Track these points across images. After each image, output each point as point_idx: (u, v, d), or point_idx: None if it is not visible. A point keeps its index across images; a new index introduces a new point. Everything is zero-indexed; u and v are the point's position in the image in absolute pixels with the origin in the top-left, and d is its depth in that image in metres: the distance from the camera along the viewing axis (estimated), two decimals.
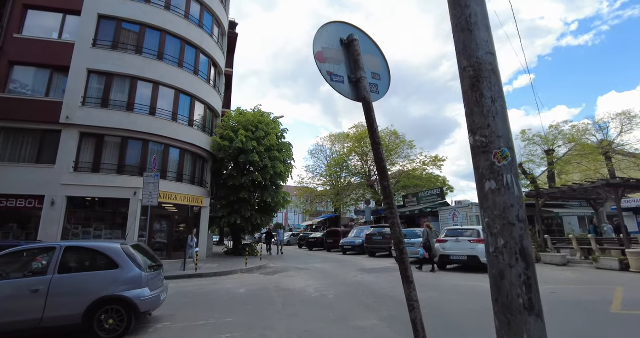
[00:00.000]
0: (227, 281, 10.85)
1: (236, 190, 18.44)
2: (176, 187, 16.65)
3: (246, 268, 13.33)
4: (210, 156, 19.79)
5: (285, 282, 9.96)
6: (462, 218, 16.90)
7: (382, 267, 13.05)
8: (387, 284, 8.88)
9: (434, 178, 30.59)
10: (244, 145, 18.09)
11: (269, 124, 19.94)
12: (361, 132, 30.76)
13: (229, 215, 18.35)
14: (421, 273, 10.96)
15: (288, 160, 20.70)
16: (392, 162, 29.77)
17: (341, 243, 20.62)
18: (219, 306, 7.02)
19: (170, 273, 12.35)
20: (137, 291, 5.02)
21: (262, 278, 11.28)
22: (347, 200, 32.31)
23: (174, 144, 16.97)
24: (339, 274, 11.32)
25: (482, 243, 10.64)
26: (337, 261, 16.09)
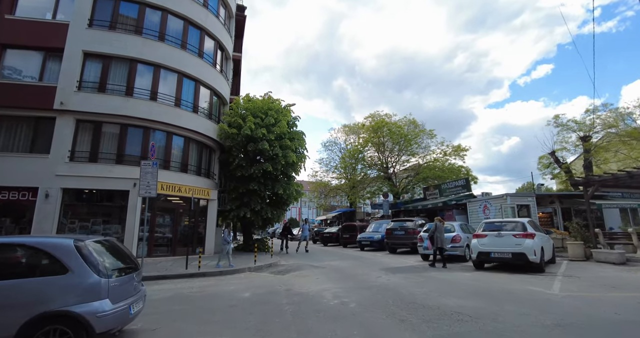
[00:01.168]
0: (232, 281, 9.53)
1: (245, 181, 17.12)
2: (180, 178, 15.44)
3: (255, 267, 12.01)
4: (217, 146, 18.53)
5: (298, 284, 8.55)
6: (494, 211, 15.17)
7: (408, 266, 11.51)
8: (419, 289, 7.36)
9: (456, 170, 28.65)
10: (252, 133, 16.72)
11: (280, 111, 18.50)
12: (377, 121, 29.07)
13: (237, 208, 17.06)
14: (451, 273, 9.39)
15: (300, 149, 19.25)
16: (411, 152, 28.02)
17: (358, 239, 19.14)
18: (217, 316, 5.66)
19: (171, 271, 11.14)
20: (93, 305, 3.68)
21: (271, 278, 9.92)
22: (363, 193, 30.73)
23: (178, 132, 15.73)
24: (359, 274, 9.85)
25: (530, 239, 9.00)
26: (355, 258, 14.63)
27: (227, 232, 12.27)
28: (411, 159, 28.99)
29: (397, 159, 30.03)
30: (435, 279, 8.58)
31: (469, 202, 17.08)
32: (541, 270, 9.07)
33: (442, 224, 11.72)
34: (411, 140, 27.56)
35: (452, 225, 12.90)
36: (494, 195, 15.91)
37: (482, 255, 9.62)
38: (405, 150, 28.19)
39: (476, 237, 9.98)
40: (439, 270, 10.28)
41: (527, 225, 9.54)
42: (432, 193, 25.25)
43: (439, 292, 6.85)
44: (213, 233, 16.61)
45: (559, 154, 24.25)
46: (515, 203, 14.69)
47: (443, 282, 8.19)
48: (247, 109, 18.13)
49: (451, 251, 11.97)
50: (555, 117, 23.25)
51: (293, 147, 17.85)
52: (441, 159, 28.75)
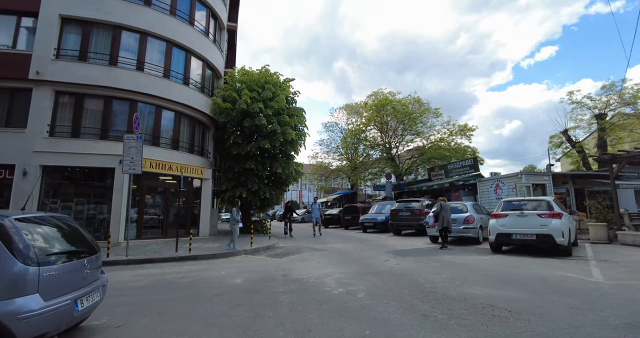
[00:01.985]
0: (225, 265, 8.63)
1: (241, 159, 16.07)
2: (171, 155, 14.39)
3: (251, 249, 11.13)
4: (211, 122, 17.38)
5: (297, 269, 7.63)
6: (507, 190, 14.16)
7: (417, 249, 10.61)
8: (436, 275, 6.43)
9: (462, 150, 27.48)
10: (248, 107, 15.56)
11: (277, 85, 17.25)
12: (381, 99, 27.72)
13: (233, 188, 16.09)
14: (467, 256, 8.46)
15: (300, 126, 18.12)
16: (416, 131, 26.80)
17: (361, 220, 18.26)
18: (198, 308, 4.73)
19: (159, 254, 10.25)
20: (14, 303, 2.69)
21: (268, 261, 9.02)
22: (365, 175, 29.71)
23: (167, 105, 14.56)
24: (365, 258, 8.93)
25: (557, 219, 8.03)
26: (358, 240, 13.74)
27: (236, 211, 11.60)
28: (415, 139, 27.80)
29: (400, 139, 28.85)
30: (452, 264, 7.65)
31: (479, 181, 16.07)
32: (568, 254, 8.14)
33: (447, 204, 10.79)
34: (416, 118, 26.28)
35: (464, 205, 11.94)
36: (507, 174, 14.86)
37: (502, 237, 8.66)
38: (409, 129, 26.96)
39: (495, 217, 9.00)
40: (452, 253, 9.37)
41: (552, 203, 8.55)
42: (438, 174, 24.24)
43: (461, 279, 5.90)
44: (208, 214, 15.70)
45: (572, 133, 23.14)
46: (531, 182, 13.67)
47: (462, 267, 7.26)
48: (243, 82, 16.90)
49: (464, 233, 11.06)
50: (569, 94, 21.98)
51: (292, 123, 16.71)
52: (446, 138, 27.56)
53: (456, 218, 11.20)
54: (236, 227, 11.24)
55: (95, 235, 12.21)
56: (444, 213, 10.54)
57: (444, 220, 10.50)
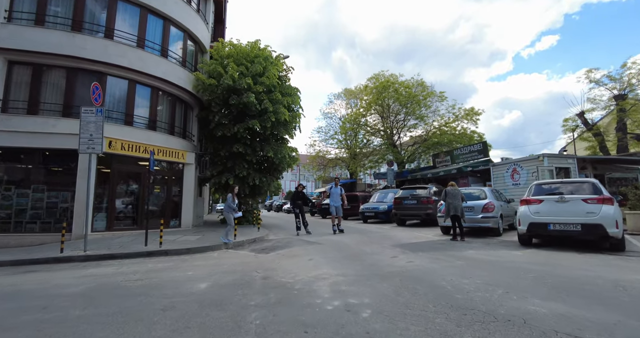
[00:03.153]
0: (197, 263, 7.05)
1: (228, 142, 14.40)
2: (147, 136, 12.71)
3: (235, 242, 9.54)
4: (195, 102, 15.65)
5: (282, 269, 6.04)
6: (526, 175, 12.55)
7: (428, 242, 9.03)
8: (463, 277, 4.84)
9: (468, 135, 25.79)
10: (235, 83, 13.82)
11: (269, 59, 15.48)
12: (382, 81, 25.90)
13: (219, 174, 14.45)
14: (493, 251, 6.88)
15: (294, 107, 16.39)
16: (420, 115, 25.07)
17: (361, 210, 16.70)
18: (120, 336, 3.13)
19: (125, 249, 8.67)
20: None
21: (250, 258, 7.43)
22: (364, 162, 28.07)
23: (142, 80, 12.81)
24: (369, 254, 7.33)
25: (609, 205, 6.43)
26: (358, 231, 12.17)
27: (232, 198, 9.86)
28: (419, 124, 26.07)
29: (402, 125, 27.13)
30: (479, 261, 6.07)
31: (493, 166, 14.45)
32: (621, 249, 6.56)
33: (456, 189, 9.21)
34: (420, 102, 24.54)
35: (482, 190, 10.33)
36: (526, 157, 13.22)
37: (536, 227, 7.06)
38: (412, 113, 25.22)
39: (526, 204, 7.38)
40: (473, 246, 7.80)
41: (599, 186, 6.94)
42: (443, 160, 22.61)
43: (503, 286, 4.31)
44: (191, 203, 14.08)
45: (588, 115, 21.47)
46: (554, 166, 12.05)
47: (493, 266, 5.67)
48: (230, 56, 15.10)
49: (482, 223, 9.48)
50: (587, 72, 20.23)
51: (285, 102, 14.97)
52: (452, 123, 25.87)
53: (473, 206, 9.61)
54: (231, 216, 9.61)
55: (57, 226, 10.62)
56: (450, 200, 9.03)
57: (449, 208, 9.00)
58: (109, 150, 11.41)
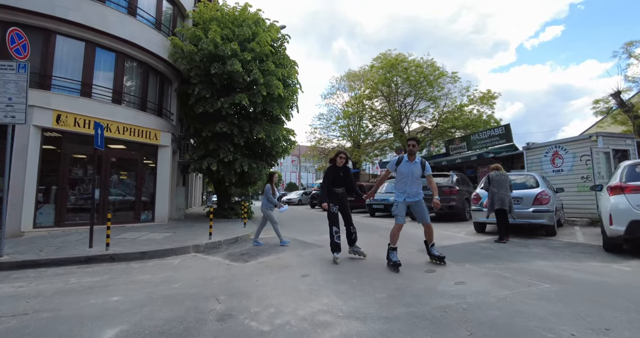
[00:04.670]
0: (139, 278, 4.82)
1: (211, 120, 12.08)
2: (109, 111, 10.39)
3: (206, 244, 7.29)
4: (175, 74, 13.29)
5: (259, 294, 3.79)
6: (572, 160, 10.23)
7: (464, 243, 6.77)
8: (583, 324, 2.57)
9: (483, 121, 23.38)
10: (217, 49, 11.43)
11: (259, 23, 13.06)
12: (390, 59, 23.38)
13: (200, 158, 12.16)
14: (578, 263, 4.61)
15: (291, 81, 14.01)
16: (431, 97, 22.63)
17: (368, 202, 14.43)
18: None
19: (60, 252, 6.43)
20: None
21: (219, 270, 5.17)
22: (370, 150, 25.72)
23: (103, 42, 10.43)
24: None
25: None
26: (367, 228, 9.93)
27: (269, 188, 7.51)
28: (430, 108, 23.62)
29: (411, 109, 24.69)
30: (574, 284, 3.81)
31: (527, 149, 12.10)
32: None
33: (503, 175, 6.98)
34: (432, 82, 22.08)
35: (533, 176, 8.01)
36: (571, 138, 10.87)
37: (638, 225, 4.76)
38: (423, 95, 22.78)
39: (620, 193, 5.07)
40: (534, 252, 5.57)
41: None
42: (458, 146, 20.26)
43: None
44: (167, 193, 11.81)
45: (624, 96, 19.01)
46: (610, 147, 9.73)
47: (605, 293, 3.43)
48: (214, 20, 12.68)
49: (534, 219, 7.20)
50: (627, 44, 17.71)
51: (280, 74, 12.58)
52: (466, 107, 23.44)
53: (521, 197, 7.33)
54: (270, 214, 7.40)
55: None
56: (495, 189, 6.82)
57: (494, 199, 6.79)
58: (58, 126, 9.13)
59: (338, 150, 5.40)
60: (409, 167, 5.20)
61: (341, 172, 5.62)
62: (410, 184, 5.23)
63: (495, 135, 17.89)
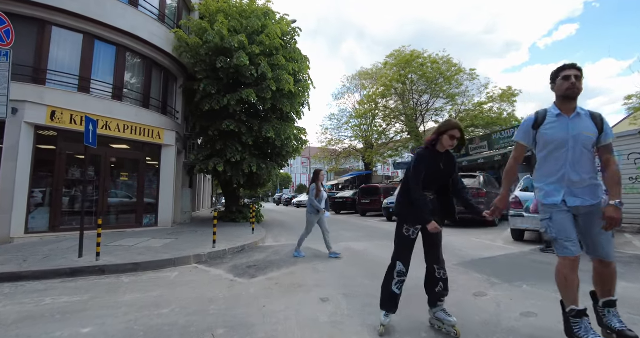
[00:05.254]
0: (124, 299, 4.00)
1: (217, 118, 11.33)
2: (108, 107, 9.70)
3: (212, 252, 6.48)
4: (180, 70, 12.60)
5: (266, 327, 2.92)
6: (620, 160, 9.17)
7: (508, 255, 5.80)
8: None
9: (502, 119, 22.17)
10: (224, 41, 10.68)
11: (268, 15, 12.29)
12: (405, 55, 22.40)
13: (206, 159, 11.40)
14: None
15: (302, 76, 13.20)
16: (449, 94, 21.57)
17: (385, 205, 13.47)
18: None
19: (45, 263, 5.65)
20: None
21: (219, 289, 4.31)
22: (384, 151, 24.73)
23: (103, 34, 9.77)
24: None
25: None
26: (388, 236, 8.99)
27: (315, 191, 6.16)
28: (446, 106, 22.54)
29: (426, 108, 23.64)
30: None
31: None
32: None
33: None
34: (450, 78, 21.02)
35: None
36: (617, 134, 9.73)
37: None
38: (440, 92, 21.72)
39: None
40: None
41: None
42: (478, 146, 19.17)
43: None
44: (171, 195, 11.08)
45: None
46: None
47: None
48: (220, 12, 11.95)
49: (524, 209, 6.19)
50: None
51: (291, 69, 11.76)
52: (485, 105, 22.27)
53: None
54: (313, 219, 6.23)
55: None
56: None
57: None
58: (53, 124, 8.47)
59: (449, 121, 2.87)
60: (569, 126, 2.44)
61: (443, 163, 2.92)
62: (574, 163, 2.40)
63: None
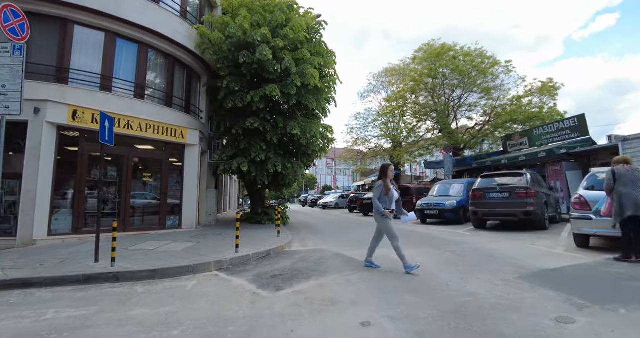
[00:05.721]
0: (133, 313, 3.49)
1: (240, 116, 10.89)
2: (130, 106, 9.44)
3: (234, 258, 5.94)
4: (204, 68, 12.29)
5: None
6: None
7: (580, 265, 4.87)
8: None
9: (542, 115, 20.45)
10: (246, 36, 10.22)
11: (292, 8, 11.75)
12: (436, 48, 21.26)
13: (229, 158, 10.98)
14: None
15: (327, 71, 12.55)
16: (485, 88, 20.24)
17: (419, 206, 12.57)
18: None
19: (60, 268, 5.32)
20: None
21: (237, 306, 3.68)
22: (413, 150, 23.64)
23: (124, 31, 9.54)
24: (494, 309, 3.36)
25: None
26: (427, 241, 8.17)
27: (384, 189, 5.08)
28: (480, 102, 21.13)
29: (458, 103, 22.33)
30: None
31: (624, 141, 9.70)
32: None
33: (637, 170, 4.96)
34: (486, 70, 19.70)
35: None
36: None
37: None
38: (473, 86, 20.40)
39: None
40: None
41: None
42: (518, 143, 17.82)
43: None
44: (195, 196, 10.71)
45: None
46: None
47: None
48: (243, 6, 11.52)
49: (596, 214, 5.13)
50: None
51: (316, 63, 11.14)
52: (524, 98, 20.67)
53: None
54: (388, 225, 4.99)
55: (2, 228, 7.63)
56: (626, 189, 4.84)
57: (626, 203, 4.82)
58: (75, 123, 8.26)
59: None
60: None
61: None
62: None
63: (565, 127, 15.36)
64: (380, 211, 4.94)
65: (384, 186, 5.07)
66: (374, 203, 5.10)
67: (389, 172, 5.20)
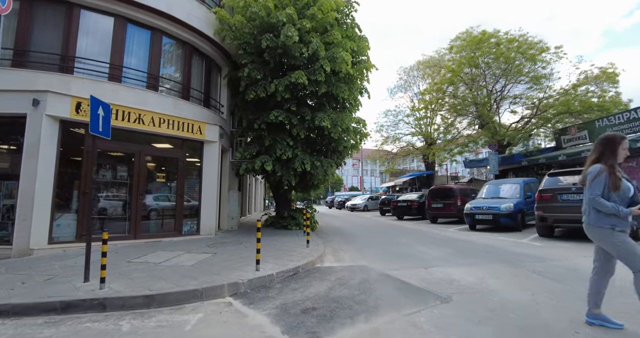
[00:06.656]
0: None
1: (263, 108, 9.71)
2: (141, 98, 8.44)
3: (253, 279, 4.66)
4: (224, 58, 11.21)
5: None
6: None
7: None
8: None
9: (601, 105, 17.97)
10: (270, 16, 9.00)
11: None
12: (475, 36, 19.29)
13: (253, 157, 9.80)
14: None
15: (359, 58, 11.16)
16: (534, 77, 18.11)
17: (468, 210, 10.88)
18: None
19: (38, 290, 4.22)
20: None
21: None
22: (451, 147, 21.70)
23: (134, 15, 8.57)
24: None
25: None
26: (494, 255, 6.60)
27: (609, 180, 2.84)
28: (531, 91, 18.90)
29: (501, 95, 20.19)
30: None
31: None
32: None
33: None
34: (535, 56, 17.57)
35: None
36: None
37: None
38: (519, 74, 18.25)
39: None
40: None
41: None
42: (574, 137, 15.65)
43: None
44: (214, 198, 9.60)
45: None
46: None
47: None
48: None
49: None
50: None
51: (348, 47, 9.78)
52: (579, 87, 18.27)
53: None
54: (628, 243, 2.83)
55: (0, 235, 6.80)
56: None
57: None
58: (78, 117, 7.31)
59: None
60: None
61: None
62: None
63: (636, 118, 13.15)
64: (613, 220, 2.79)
65: (611, 174, 2.85)
66: (590, 203, 2.97)
67: (619, 150, 2.92)
